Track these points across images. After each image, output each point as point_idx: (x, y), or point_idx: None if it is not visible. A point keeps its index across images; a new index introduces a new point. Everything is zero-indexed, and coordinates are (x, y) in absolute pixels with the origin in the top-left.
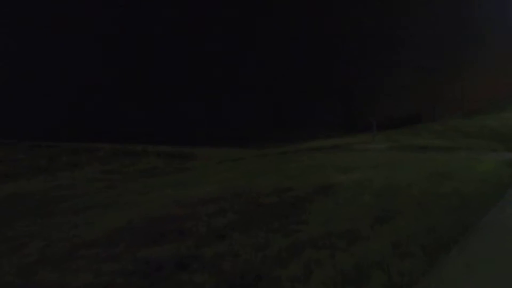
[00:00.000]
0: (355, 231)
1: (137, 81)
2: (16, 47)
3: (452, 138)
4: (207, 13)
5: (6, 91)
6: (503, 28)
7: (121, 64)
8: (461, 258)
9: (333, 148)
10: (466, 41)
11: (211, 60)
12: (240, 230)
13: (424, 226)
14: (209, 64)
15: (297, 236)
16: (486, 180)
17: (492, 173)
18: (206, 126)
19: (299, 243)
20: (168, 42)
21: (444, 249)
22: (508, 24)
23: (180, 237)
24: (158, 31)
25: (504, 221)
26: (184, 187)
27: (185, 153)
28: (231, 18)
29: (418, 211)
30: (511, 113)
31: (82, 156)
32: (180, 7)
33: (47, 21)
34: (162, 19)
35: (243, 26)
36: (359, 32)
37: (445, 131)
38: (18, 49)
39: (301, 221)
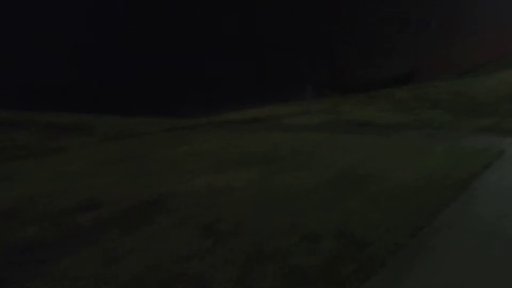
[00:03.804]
0: None
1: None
2: None
3: (413, 110)
4: None
5: None
6: None
7: None
8: None
9: (250, 123)
10: None
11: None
12: None
13: None
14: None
15: None
16: (415, 192)
17: (435, 175)
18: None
19: None
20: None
21: None
22: None
23: None
24: None
25: None
26: None
27: (82, 125)
28: None
29: None
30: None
31: None
32: None
33: None
34: None
35: None
36: None
37: (411, 99)
38: None
39: None
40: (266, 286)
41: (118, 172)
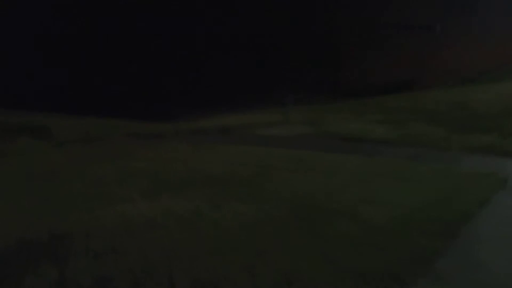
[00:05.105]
0: None
1: None
2: None
3: (404, 123)
4: None
5: None
6: None
7: None
8: None
9: (219, 133)
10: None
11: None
12: None
13: None
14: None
15: None
16: (387, 242)
17: (418, 215)
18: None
19: None
20: None
21: None
22: None
23: None
24: None
25: None
26: None
27: (34, 126)
28: None
29: None
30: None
31: None
32: None
33: None
34: None
35: None
36: None
37: (404, 109)
38: None
39: None
40: None
41: (22, 195)
